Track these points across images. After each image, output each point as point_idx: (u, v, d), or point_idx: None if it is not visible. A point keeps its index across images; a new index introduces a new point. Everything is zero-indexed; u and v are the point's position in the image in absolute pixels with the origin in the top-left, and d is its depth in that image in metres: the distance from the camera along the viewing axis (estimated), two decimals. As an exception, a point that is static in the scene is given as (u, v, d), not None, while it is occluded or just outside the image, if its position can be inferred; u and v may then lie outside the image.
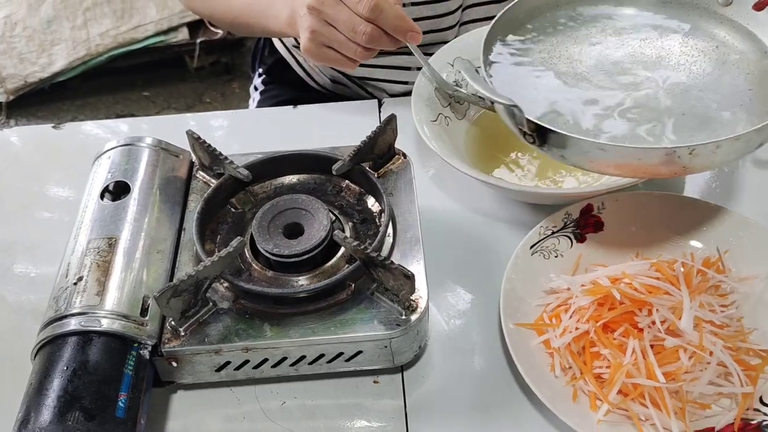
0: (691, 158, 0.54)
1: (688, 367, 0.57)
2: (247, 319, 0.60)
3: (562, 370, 0.60)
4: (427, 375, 0.64)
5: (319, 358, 0.60)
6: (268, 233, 0.64)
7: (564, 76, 0.68)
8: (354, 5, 0.68)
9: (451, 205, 0.78)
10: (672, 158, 0.54)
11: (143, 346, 0.57)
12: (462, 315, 0.68)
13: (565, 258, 0.68)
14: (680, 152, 0.54)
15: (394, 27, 0.69)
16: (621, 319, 0.60)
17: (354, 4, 0.68)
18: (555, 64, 0.69)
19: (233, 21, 0.90)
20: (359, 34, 0.68)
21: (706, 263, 0.66)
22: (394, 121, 0.69)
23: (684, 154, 0.54)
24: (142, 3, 2.28)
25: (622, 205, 0.70)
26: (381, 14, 0.68)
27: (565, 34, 0.72)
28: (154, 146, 0.72)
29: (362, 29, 0.68)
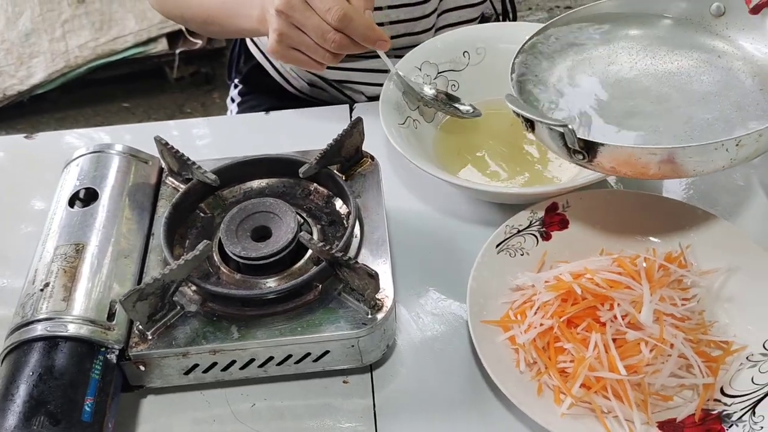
0: (738, 150, 0.56)
1: (649, 359, 0.58)
2: (214, 321, 0.60)
3: (527, 366, 0.61)
4: (396, 374, 0.65)
5: (287, 359, 0.60)
6: (236, 236, 0.64)
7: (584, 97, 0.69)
8: (323, 13, 0.68)
9: (420, 207, 0.79)
10: (721, 152, 0.56)
11: (110, 350, 0.57)
12: (430, 313, 0.69)
13: (531, 256, 0.69)
14: (728, 145, 0.56)
15: (363, 36, 0.70)
16: (584, 313, 0.61)
17: (323, 12, 0.68)
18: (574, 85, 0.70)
19: (206, 20, 0.90)
20: (328, 42, 0.69)
21: (669, 258, 0.67)
22: (360, 124, 0.70)
23: (732, 147, 0.56)
24: (121, 14, 2.28)
25: (586, 203, 0.71)
26: (350, 24, 0.68)
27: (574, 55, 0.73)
28: (123, 153, 0.72)
29: (331, 37, 0.69)
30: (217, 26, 0.89)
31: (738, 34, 0.70)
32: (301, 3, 0.68)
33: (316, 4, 0.68)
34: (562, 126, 0.59)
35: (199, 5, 0.89)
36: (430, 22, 0.97)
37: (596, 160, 0.59)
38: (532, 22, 0.91)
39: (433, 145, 0.82)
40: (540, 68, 0.72)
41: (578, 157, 0.60)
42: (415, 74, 0.84)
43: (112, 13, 2.28)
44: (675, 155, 0.57)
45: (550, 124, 0.60)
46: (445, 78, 0.86)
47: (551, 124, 0.60)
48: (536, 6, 2.60)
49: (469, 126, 0.82)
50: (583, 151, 0.59)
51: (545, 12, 2.56)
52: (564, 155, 0.61)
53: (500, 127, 0.83)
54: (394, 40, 0.97)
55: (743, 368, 0.60)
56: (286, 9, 0.69)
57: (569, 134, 0.58)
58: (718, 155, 0.56)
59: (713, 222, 0.69)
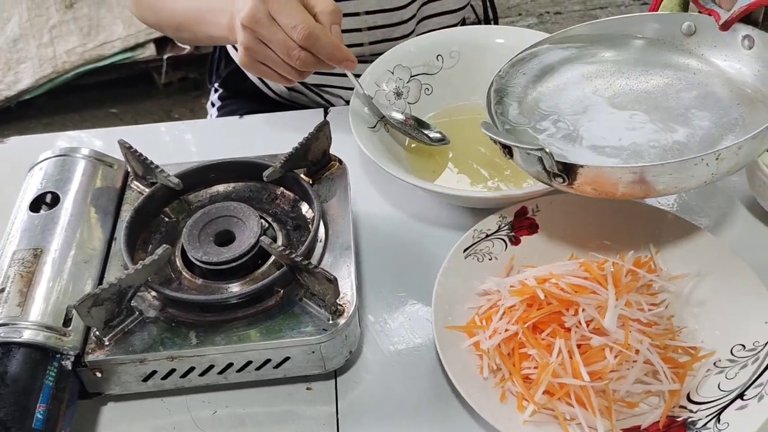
0: (719, 164, 0.56)
1: (614, 365, 0.57)
2: (173, 327, 0.59)
3: (492, 372, 0.60)
4: (360, 380, 0.64)
5: (246, 365, 0.59)
6: (198, 241, 0.63)
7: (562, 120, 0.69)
8: (288, 30, 0.66)
9: (390, 210, 0.78)
10: (701, 167, 0.55)
11: (65, 356, 0.56)
12: (398, 319, 0.68)
13: (499, 261, 0.68)
14: (708, 159, 0.55)
15: (329, 56, 0.68)
16: (549, 319, 0.60)
17: (288, 29, 0.66)
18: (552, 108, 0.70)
19: (178, 28, 0.89)
20: (293, 59, 0.67)
21: (638, 263, 0.66)
22: (327, 128, 0.70)
23: (712, 161, 0.55)
24: (109, 20, 2.28)
25: (556, 207, 0.71)
26: (316, 43, 0.67)
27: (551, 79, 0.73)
28: (88, 157, 0.71)
29: (296, 54, 0.67)
30: (189, 33, 0.88)
31: (710, 52, 0.70)
32: (266, 18, 0.67)
33: (282, 20, 0.66)
34: (539, 150, 0.58)
35: (171, 12, 0.88)
36: (409, 28, 0.96)
37: (577, 183, 0.59)
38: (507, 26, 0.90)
39: (405, 147, 0.81)
40: (518, 93, 0.71)
41: (558, 181, 0.59)
42: (387, 78, 0.83)
43: (100, 19, 2.28)
44: (655, 172, 0.56)
45: (527, 149, 0.59)
46: (418, 81, 0.85)
47: (528, 149, 0.59)
48: (526, 12, 2.60)
49: (443, 129, 0.81)
50: (562, 174, 0.58)
51: (535, 17, 2.56)
52: (544, 179, 0.61)
53: (473, 131, 0.82)
54: (373, 46, 0.97)
55: (710, 374, 0.59)
56: (251, 24, 0.67)
57: (547, 158, 0.58)
58: (699, 170, 0.56)
59: (685, 226, 0.68)
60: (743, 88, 0.67)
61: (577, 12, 2.57)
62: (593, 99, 0.70)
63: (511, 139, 0.63)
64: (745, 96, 0.66)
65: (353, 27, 0.94)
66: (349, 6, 0.92)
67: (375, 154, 0.73)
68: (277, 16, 0.66)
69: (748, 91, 0.66)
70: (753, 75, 0.66)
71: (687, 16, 0.70)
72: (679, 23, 0.70)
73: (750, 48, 0.66)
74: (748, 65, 0.67)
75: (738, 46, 0.67)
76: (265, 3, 0.66)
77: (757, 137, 0.55)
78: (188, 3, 0.84)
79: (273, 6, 0.66)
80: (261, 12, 0.66)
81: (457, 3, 0.99)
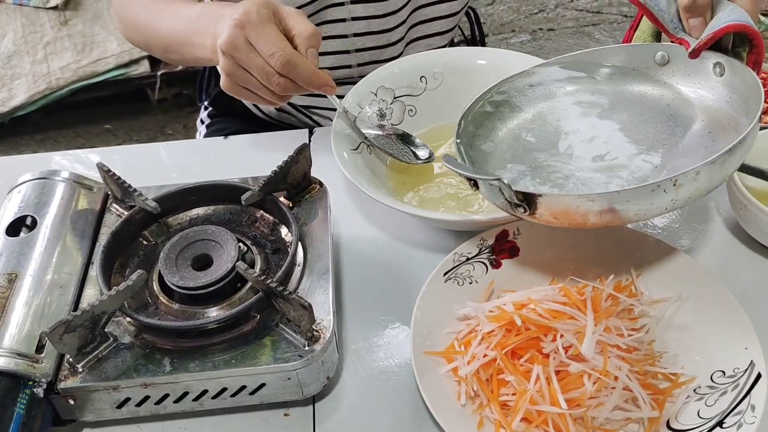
0: (677, 190, 0.55)
1: (592, 392, 0.57)
2: (147, 353, 0.59)
3: (470, 399, 0.60)
4: (338, 406, 0.63)
5: (221, 392, 0.59)
6: (175, 265, 0.63)
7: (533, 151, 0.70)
8: (267, 57, 0.66)
9: (373, 232, 0.78)
10: (659, 193, 0.55)
11: (37, 384, 0.56)
12: (377, 343, 0.68)
13: (479, 284, 0.68)
14: (665, 185, 0.55)
15: (307, 82, 0.68)
16: (527, 344, 0.60)
17: (266, 56, 0.66)
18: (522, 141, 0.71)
19: (166, 49, 0.89)
20: (273, 84, 0.67)
21: (618, 287, 0.66)
22: (306, 150, 0.69)
23: (669, 187, 0.55)
24: (103, 36, 2.28)
25: (537, 231, 0.70)
26: (293, 69, 0.67)
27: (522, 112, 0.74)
28: (67, 180, 0.71)
29: (275, 80, 0.67)
30: (176, 54, 0.88)
31: (684, 80, 0.70)
32: (245, 44, 0.67)
33: (260, 47, 0.67)
34: (496, 180, 0.58)
35: (158, 34, 0.88)
36: (397, 50, 0.97)
37: (538, 212, 0.59)
38: (491, 48, 0.90)
39: (388, 166, 0.81)
40: (489, 126, 0.72)
41: (520, 210, 0.60)
42: (370, 99, 0.83)
43: (94, 36, 2.29)
44: (613, 200, 0.56)
45: (485, 179, 0.60)
46: (401, 103, 0.85)
47: (485, 179, 0.60)
48: (519, 28, 2.61)
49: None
50: (523, 204, 0.59)
51: (528, 34, 2.57)
52: (509, 210, 0.61)
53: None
54: (361, 68, 0.97)
55: (690, 401, 0.59)
56: (229, 50, 0.67)
57: (506, 188, 0.58)
58: (658, 197, 0.55)
59: (666, 250, 0.68)
60: (716, 116, 0.67)
61: (570, 29, 2.58)
62: (563, 131, 0.71)
63: (472, 171, 0.63)
64: (717, 123, 0.66)
65: (341, 49, 0.94)
66: (338, 28, 0.92)
67: (356, 176, 0.73)
68: (255, 43, 0.66)
69: (720, 118, 0.66)
70: (725, 102, 0.66)
71: (659, 46, 0.71)
72: (652, 53, 0.71)
73: (721, 75, 0.66)
74: (720, 92, 0.67)
75: (710, 73, 0.67)
76: (243, 29, 0.66)
77: (715, 162, 0.55)
78: (175, 25, 0.84)
79: (251, 33, 0.66)
80: (239, 38, 0.66)
81: (445, 25, 0.99)
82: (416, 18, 0.96)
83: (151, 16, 0.89)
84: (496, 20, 2.66)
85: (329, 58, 0.95)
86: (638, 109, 0.70)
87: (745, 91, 0.64)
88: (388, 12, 0.92)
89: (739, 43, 0.64)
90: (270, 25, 0.67)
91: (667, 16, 0.66)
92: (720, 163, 0.56)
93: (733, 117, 0.65)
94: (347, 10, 0.91)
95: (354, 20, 0.91)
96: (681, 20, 0.66)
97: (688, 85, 0.69)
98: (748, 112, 0.62)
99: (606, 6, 2.67)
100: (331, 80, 0.69)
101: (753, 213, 0.69)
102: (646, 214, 0.57)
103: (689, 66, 0.68)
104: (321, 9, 0.90)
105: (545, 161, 0.68)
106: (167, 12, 0.86)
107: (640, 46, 0.72)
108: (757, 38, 0.62)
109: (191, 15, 0.81)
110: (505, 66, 0.80)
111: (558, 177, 0.67)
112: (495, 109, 0.73)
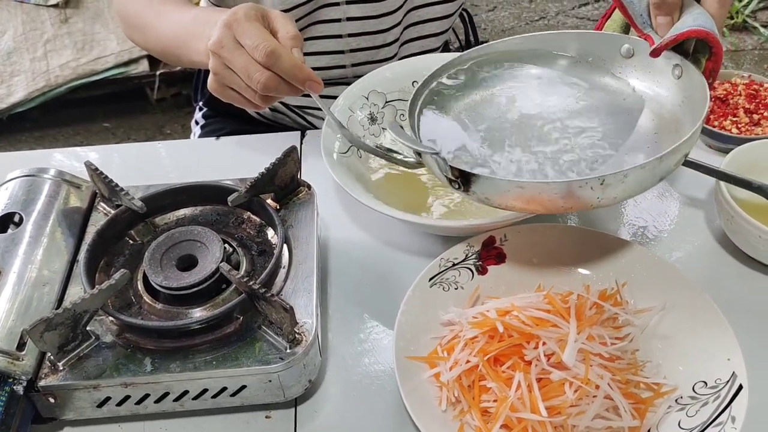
0: (604, 189, 0.56)
1: (573, 400, 0.57)
2: (129, 353, 0.58)
3: (451, 405, 0.60)
4: (320, 409, 0.63)
5: (202, 393, 0.59)
6: (160, 265, 0.63)
7: (482, 131, 0.70)
8: (251, 50, 0.66)
9: (361, 236, 0.78)
10: (585, 190, 0.56)
11: (17, 381, 0.56)
12: (362, 346, 0.68)
13: (465, 290, 0.68)
14: (592, 183, 0.56)
15: (291, 75, 0.67)
16: (510, 351, 0.60)
17: (251, 50, 0.66)
18: (473, 119, 0.71)
19: (163, 51, 0.90)
20: (254, 82, 0.67)
21: (603, 295, 0.66)
22: (294, 153, 0.69)
23: (596, 185, 0.56)
24: (104, 35, 2.28)
25: (524, 238, 0.70)
26: (277, 61, 0.66)
27: (478, 91, 0.73)
28: (55, 177, 0.71)
29: (257, 77, 0.66)
30: (173, 57, 0.89)
31: (644, 76, 0.70)
32: (232, 42, 0.67)
33: (246, 42, 0.67)
34: (434, 153, 0.60)
35: (157, 36, 0.89)
36: (392, 51, 0.97)
37: (471, 190, 0.60)
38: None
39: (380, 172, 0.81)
40: (443, 103, 0.72)
41: (455, 186, 0.61)
42: (362, 103, 0.83)
43: (94, 34, 2.29)
44: (541, 191, 0.57)
45: (424, 151, 0.61)
46: (393, 107, 0.85)
47: (425, 151, 0.61)
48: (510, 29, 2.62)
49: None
50: (458, 180, 0.60)
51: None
52: (447, 184, 0.62)
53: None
54: (356, 68, 0.97)
55: (671, 411, 0.59)
56: (216, 48, 0.67)
57: (441, 162, 0.60)
58: (584, 193, 0.56)
59: (652, 260, 0.68)
60: (666, 117, 0.67)
61: (570, 36, 2.58)
62: (518, 114, 0.71)
63: (413, 142, 0.64)
64: (666, 125, 0.66)
65: (336, 49, 0.94)
66: (332, 28, 0.92)
67: (344, 179, 0.73)
68: (242, 39, 0.66)
69: (669, 120, 0.66)
70: (678, 104, 0.67)
71: (627, 38, 0.70)
72: (619, 45, 0.71)
73: (679, 77, 0.66)
74: (675, 94, 0.67)
75: (669, 74, 0.67)
76: (230, 28, 0.66)
77: (645, 167, 0.56)
78: (173, 28, 0.84)
79: (237, 30, 0.66)
80: (227, 37, 0.66)
81: (440, 27, 0.99)
82: (411, 19, 0.96)
83: (149, 18, 0.89)
84: (497, 26, 2.66)
85: (324, 58, 0.95)
86: (595, 101, 0.70)
87: (695, 98, 0.64)
88: (383, 13, 0.92)
89: (701, 48, 0.64)
90: (256, 22, 0.67)
91: (637, 9, 0.66)
92: (650, 168, 0.56)
93: (681, 121, 0.65)
94: (342, 10, 0.91)
95: (349, 20, 0.92)
96: (650, 16, 0.66)
97: (648, 82, 0.69)
98: (693, 120, 0.62)
99: (607, 14, 2.67)
100: (315, 76, 0.69)
101: (740, 224, 0.69)
102: (572, 207, 0.58)
103: (652, 63, 0.68)
104: (316, 9, 0.90)
105: (494, 141, 0.68)
106: (164, 14, 0.87)
107: (609, 36, 0.72)
108: (717, 46, 0.62)
109: (186, 19, 0.82)
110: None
111: (500, 159, 0.66)
112: (454, 85, 0.73)
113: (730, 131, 0.81)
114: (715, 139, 0.83)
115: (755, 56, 2.48)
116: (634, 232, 0.76)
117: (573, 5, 2.76)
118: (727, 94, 0.85)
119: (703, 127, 0.81)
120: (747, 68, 2.39)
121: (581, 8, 2.73)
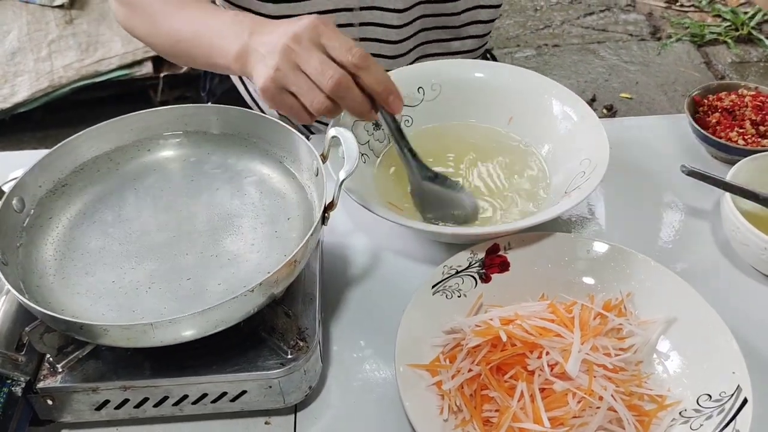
0: (155, 330, 0.53)
1: (576, 411, 0.56)
2: (129, 356, 0.58)
3: (452, 414, 0.59)
4: (320, 416, 0.63)
5: (202, 397, 0.58)
6: (161, 268, 0.62)
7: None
8: (340, 51, 0.64)
9: (365, 241, 0.78)
10: (141, 329, 0.52)
11: (15, 382, 0.55)
12: (364, 354, 0.67)
13: (468, 298, 0.67)
14: (145, 328, 0.52)
15: (380, 84, 0.65)
16: (512, 361, 0.59)
17: (345, 50, 0.64)
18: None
19: (174, 46, 0.83)
20: (326, 77, 0.63)
21: (607, 306, 0.65)
22: (299, 157, 0.69)
23: (148, 328, 0.52)
24: (108, 36, 2.28)
25: (529, 246, 0.70)
26: (369, 67, 0.64)
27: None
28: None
29: (331, 73, 0.63)
30: (185, 54, 0.82)
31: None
32: (311, 40, 0.64)
33: (332, 44, 0.64)
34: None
35: (169, 29, 0.82)
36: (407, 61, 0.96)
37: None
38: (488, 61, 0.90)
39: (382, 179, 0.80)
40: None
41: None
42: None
43: (98, 35, 2.29)
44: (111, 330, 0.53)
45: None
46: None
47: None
48: (525, 43, 2.62)
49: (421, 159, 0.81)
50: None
51: (533, 49, 2.58)
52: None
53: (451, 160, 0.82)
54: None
55: (675, 424, 0.58)
56: (294, 44, 0.64)
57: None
58: (142, 334, 0.52)
59: (657, 271, 0.67)
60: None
61: (575, 45, 2.58)
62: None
63: None
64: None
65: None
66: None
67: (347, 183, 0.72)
68: (328, 41, 0.64)
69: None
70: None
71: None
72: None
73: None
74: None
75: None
76: (317, 29, 0.65)
77: (202, 313, 0.53)
78: (191, 24, 0.79)
79: (325, 31, 0.65)
80: (309, 35, 0.64)
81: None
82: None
83: (165, 8, 0.83)
84: (502, 34, 2.66)
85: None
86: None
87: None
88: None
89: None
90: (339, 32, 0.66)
91: None
92: (203, 314, 0.53)
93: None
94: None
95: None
96: None
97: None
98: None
99: (612, 24, 2.68)
100: (400, 93, 0.67)
101: (745, 236, 0.69)
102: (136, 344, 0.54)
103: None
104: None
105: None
106: (186, 8, 0.81)
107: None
108: None
109: (218, 20, 0.76)
110: (502, 79, 0.79)
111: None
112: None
113: (737, 143, 0.81)
114: (721, 151, 0.82)
115: (760, 68, 2.48)
116: (638, 242, 0.76)
117: (578, 15, 2.76)
118: (733, 106, 0.85)
119: (710, 138, 0.81)
120: (752, 80, 2.39)
121: (586, 17, 2.74)
